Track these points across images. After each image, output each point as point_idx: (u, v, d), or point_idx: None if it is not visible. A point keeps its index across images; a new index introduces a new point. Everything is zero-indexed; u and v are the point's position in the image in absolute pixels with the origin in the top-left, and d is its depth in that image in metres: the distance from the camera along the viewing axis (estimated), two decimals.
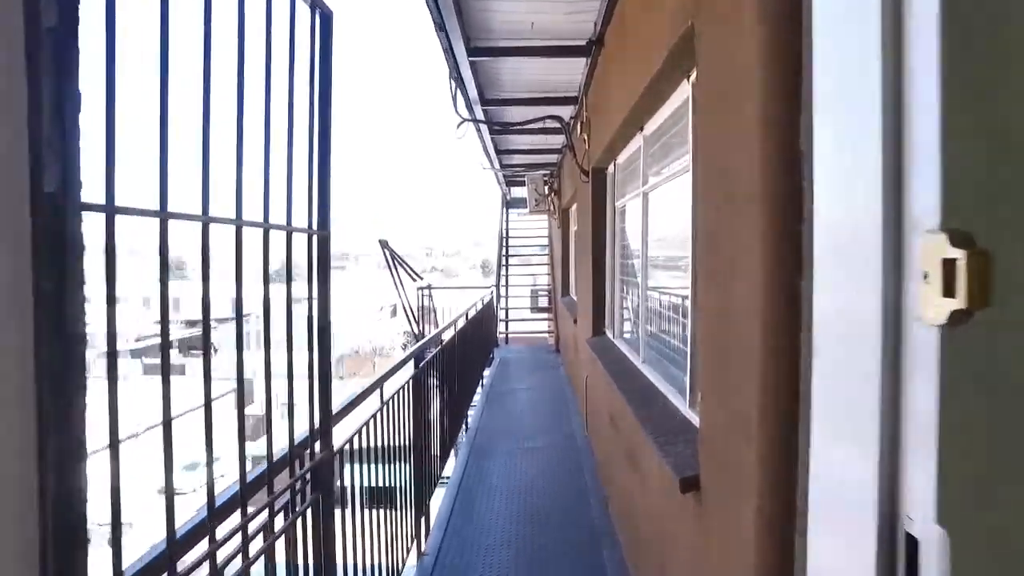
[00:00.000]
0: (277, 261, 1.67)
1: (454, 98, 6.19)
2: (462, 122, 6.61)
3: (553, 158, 10.10)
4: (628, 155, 4.98)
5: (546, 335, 13.01)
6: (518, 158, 10.18)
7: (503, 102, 6.84)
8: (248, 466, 1.61)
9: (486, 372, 9.60)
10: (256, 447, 28.30)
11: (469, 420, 7.19)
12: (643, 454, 3.21)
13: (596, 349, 5.50)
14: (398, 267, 10.53)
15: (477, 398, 8.07)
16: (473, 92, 6.21)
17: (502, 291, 13.23)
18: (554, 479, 5.32)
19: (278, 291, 1.71)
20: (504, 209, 14.04)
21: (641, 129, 4.19)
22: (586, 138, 6.23)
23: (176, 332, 72.23)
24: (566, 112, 6.92)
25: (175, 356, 64.44)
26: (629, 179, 4.99)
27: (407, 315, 10.44)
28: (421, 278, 11.19)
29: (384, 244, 10.38)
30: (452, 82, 5.99)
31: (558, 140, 8.73)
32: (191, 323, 78.20)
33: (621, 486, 4.07)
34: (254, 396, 47.39)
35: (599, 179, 6.06)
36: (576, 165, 6.62)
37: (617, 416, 4.09)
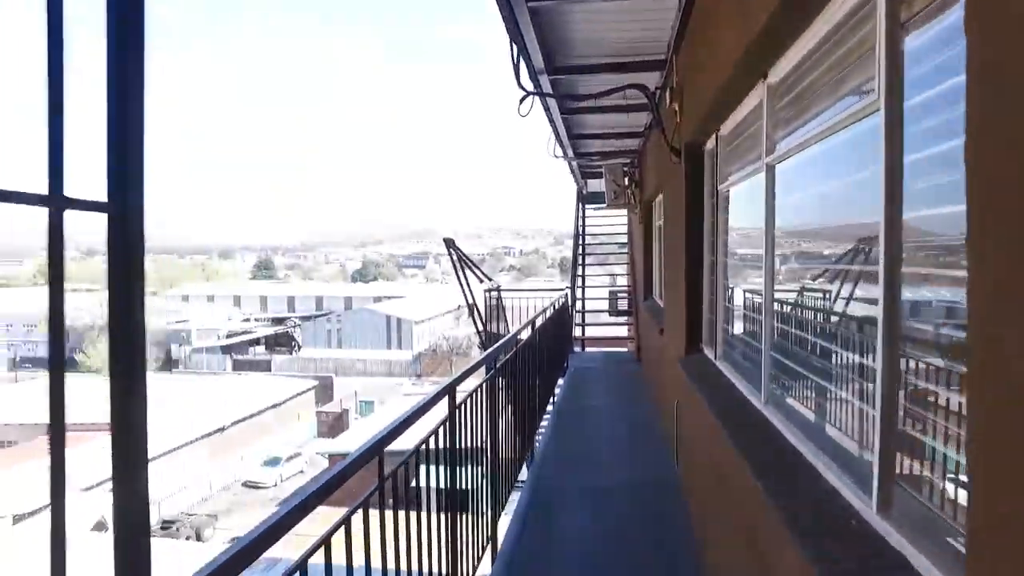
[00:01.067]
0: None
1: (516, 66, 5.14)
2: (526, 96, 5.57)
3: (634, 143, 8.87)
4: (737, 121, 3.77)
5: (625, 342, 11.77)
6: (594, 144, 9.02)
7: (575, 70, 5.73)
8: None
9: (560, 381, 8.56)
10: (334, 444, 28.45)
11: (537, 444, 6.13)
12: (774, 549, 2.07)
13: (692, 373, 4.32)
14: (465, 268, 9.65)
15: (546, 419, 7.00)
16: (538, 58, 5.14)
17: (578, 293, 12.11)
18: (639, 536, 4.18)
19: None
20: (580, 205, 12.89)
21: (764, 76, 3.00)
22: (677, 109, 5.04)
23: (263, 330, 75.34)
24: (651, 80, 5.73)
25: (261, 352, 67.14)
26: (738, 154, 3.78)
27: (474, 319, 9.52)
28: (490, 280, 10.26)
29: (450, 243, 9.51)
30: (513, 47, 4.94)
31: (639, 121, 7.53)
32: (277, 320, 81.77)
33: (731, 568, 2.91)
34: (334, 394, 48.24)
35: (694, 158, 4.85)
36: (664, 143, 5.43)
37: (728, 476, 2.93)
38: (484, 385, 3.75)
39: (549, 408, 7.31)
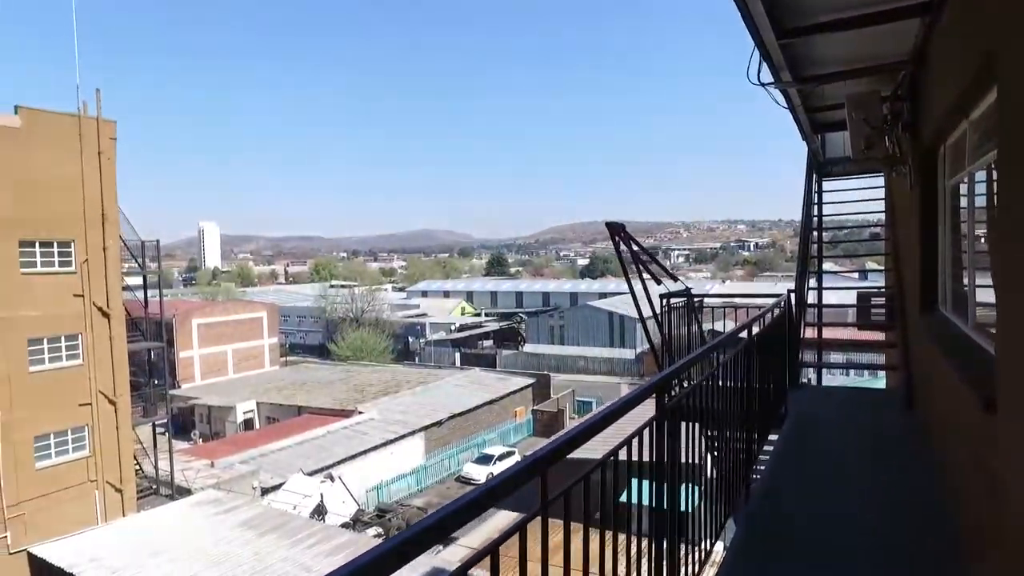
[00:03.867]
0: None
1: None
2: None
3: (901, 48, 5.30)
4: None
5: (885, 371, 7.95)
6: (827, 52, 5.46)
7: None
8: None
9: (772, 437, 5.48)
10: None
11: None
12: None
13: None
14: (640, 263, 6.95)
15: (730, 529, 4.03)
16: None
17: (809, 296, 8.60)
18: None
19: None
20: (812, 176, 9.26)
21: None
22: None
23: (491, 325, 78.28)
24: None
25: (488, 346, 69.58)
26: None
27: (646, 332, 6.77)
28: (675, 279, 7.37)
29: (616, 229, 6.88)
30: None
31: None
32: (505, 316, 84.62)
33: None
34: (551, 392, 47.34)
35: None
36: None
37: None
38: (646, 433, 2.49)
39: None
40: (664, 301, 6.09)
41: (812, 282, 8.89)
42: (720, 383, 3.68)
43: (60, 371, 19.48)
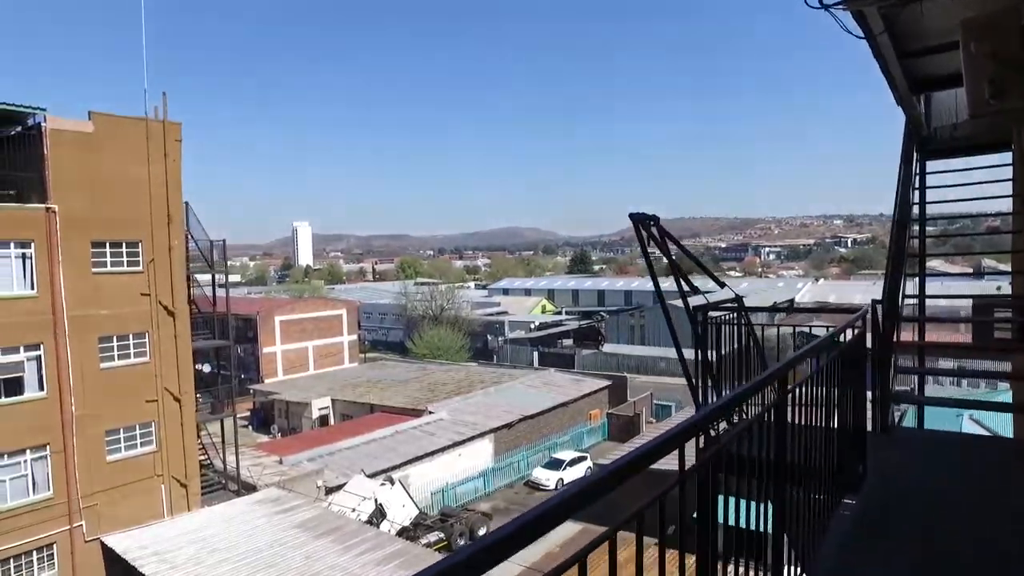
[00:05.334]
0: None
1: None
2: None
3: None
4: None
5: (1013, 413, 6.13)
6: None
7: None
8: None
9: (831, 524, 3.98)
10: (621, 449, 25.74)
11: None
12: None
13: None
14: (679, 269, 5.64)
15: None
16: None
17: (906, 307, 6.89)
18: None
19: None
20: (911, 156, 7.48)
21: None
22: None
23: (571, 323, 76.82)
24: None
25: (568, 345, 68.18)
26: None
27: (678, 351, 5.42)
28: (721, 284, 5.98)
29: (643, 221, 5.60)
30: None
31: None
32: (586, 314, 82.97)
33: None
34: (627, 395, 45.50)
35: None
36: None
37: None
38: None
39: None
40: (701, 314, 4.68)
41: (911, 287, 7.16)
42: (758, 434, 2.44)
43: (128, 368, 19.95)
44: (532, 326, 73.62)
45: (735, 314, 5.21)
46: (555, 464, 33.00)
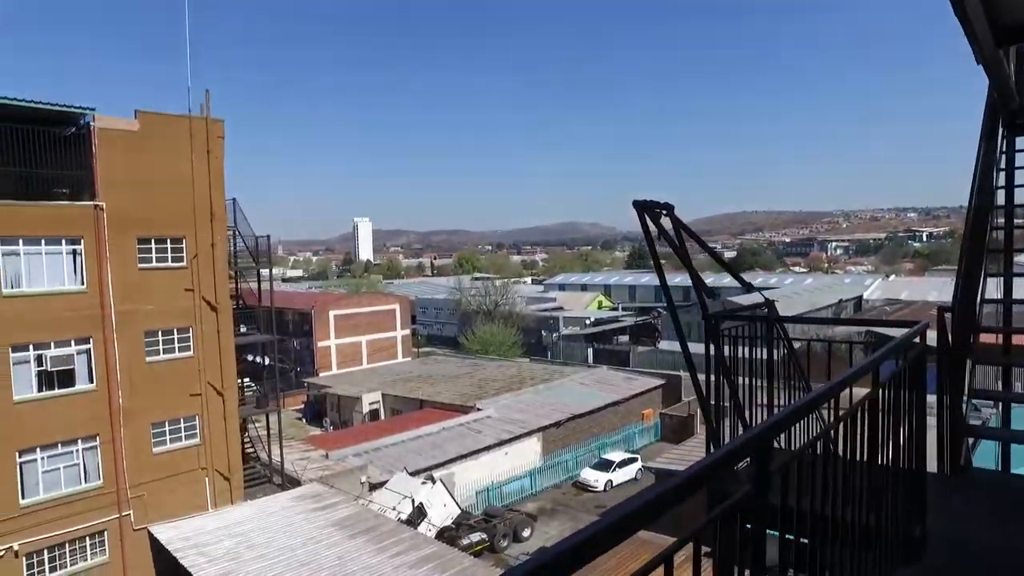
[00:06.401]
0: None
1: None
2: None
3: None
4: None
5: None
6: None
7: None
8: None
9: None
10: (673, 452, 24.84)
11: None
12: None
13: None
14: (691, 266, 4.81)
15: None
16: None
17: (986, 315, 5.79)
18: None
19: None
20: (996, 131, 6.29)
21: None
22: None
23: (627, 320, 75.24)
24: None
25: (624, 341, 66.72)
26: None
27: (691, 370, 4.60)
28: (749, 287, 5.10)
29: (650, 209, 4.77)
30: None
31: None
32: (643, 311, 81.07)
33: None
34: (682, 395, 43.97)
35: None
36: None
37: None
38: None
39: None
40: (715, 322, 3.81)
41: (993, 288, 6.02)
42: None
43: (173, 362, 20.23)
44: (587, 322, 72.37)
45: (763, 324, 4.29)
46: (604, 465, 32.02)
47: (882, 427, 2.73)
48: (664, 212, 4.73)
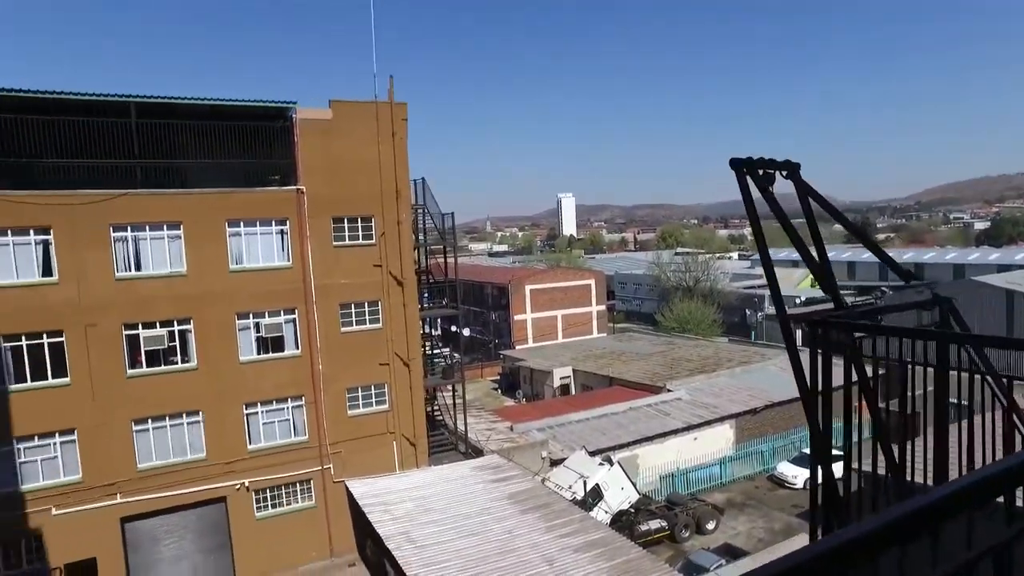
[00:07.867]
0: None
1: None
2: None
3: None
4: None
5: None
6: None
7: None
8: None
9: None
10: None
11: None
12: None
13: None
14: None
15: None
16: None
17: None
18: None
19: None
20: None
21: None
22: None
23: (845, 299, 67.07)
24: None
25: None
26: None
27: (796, 372, 3.54)
28: (908, 276, 4.36)
29: (754, 172, 3.56)
30: None
31: None
32: (863, 289, 71.54)
33: None
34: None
35: None
36: None
37: None
38: None
39: None
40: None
41: None
42: None
43: (364, 333, 21.88)
44: (797, 301, 65.64)
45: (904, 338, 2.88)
46: (803, 460, 28.69)
47: None
48: (784, 173, 3.45)
